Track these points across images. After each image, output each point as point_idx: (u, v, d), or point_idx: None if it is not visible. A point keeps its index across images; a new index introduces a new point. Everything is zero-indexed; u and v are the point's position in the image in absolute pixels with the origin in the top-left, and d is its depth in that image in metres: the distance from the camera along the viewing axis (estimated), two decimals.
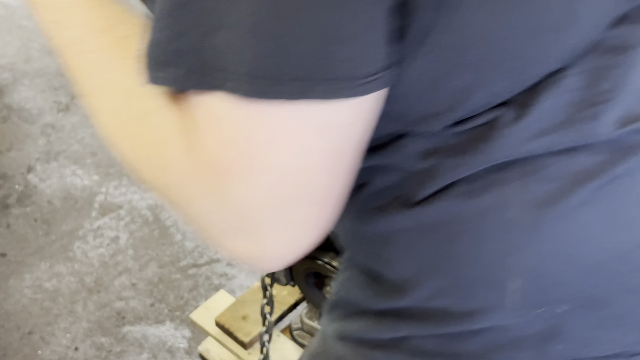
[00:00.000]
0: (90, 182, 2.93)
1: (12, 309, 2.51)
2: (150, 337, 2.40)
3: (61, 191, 2.90)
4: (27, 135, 3.15)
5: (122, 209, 2.82)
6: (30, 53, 3.58)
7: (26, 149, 3.09)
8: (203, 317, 2.20)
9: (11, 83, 3.41)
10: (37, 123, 3.20)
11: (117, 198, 2.86)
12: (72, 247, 2.70)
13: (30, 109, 3.27)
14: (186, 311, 2.45)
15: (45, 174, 2.97)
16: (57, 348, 2.39)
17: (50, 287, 2.57)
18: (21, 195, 2.89)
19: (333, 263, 1.75)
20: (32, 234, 2.75)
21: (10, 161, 3.04)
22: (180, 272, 2.59)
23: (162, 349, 2.37)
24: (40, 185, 2.93)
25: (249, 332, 2.09)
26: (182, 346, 2.37)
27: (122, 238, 2.72)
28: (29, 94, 3.35)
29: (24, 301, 2.53)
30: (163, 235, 2.72)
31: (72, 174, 2.97)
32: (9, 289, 2.57)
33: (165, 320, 2.45)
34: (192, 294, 2.52)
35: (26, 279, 2.60)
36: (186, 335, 2.40)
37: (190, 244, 2.67)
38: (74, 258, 2.66)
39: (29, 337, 2.42)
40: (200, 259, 2.62)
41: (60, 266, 2.64)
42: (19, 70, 3.48)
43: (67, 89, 3.35)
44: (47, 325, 2.46)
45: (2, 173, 2.99)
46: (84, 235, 2.73)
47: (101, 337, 2.41)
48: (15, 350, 2.38)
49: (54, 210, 2.83)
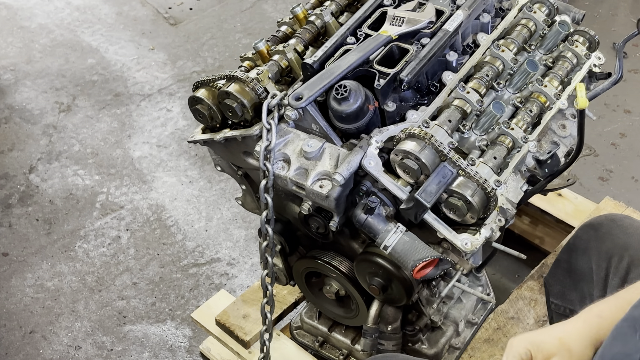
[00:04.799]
0: (91, 182, 2.94)
1: (14, 308, 2.52)
2: (151, 336, 2.42)
3: (63, 191, 2.91)
4: (29, 135, 3.16)
5: (123, 209, 2.83)
6: (32, 54, 3.60)
7: (28, 149, 3.10)
8: (204, 316, 2.21)
9: (13, 84, 3.43)
10: (39, 123, 3.22)
11: (118, 198, 2.87)
12: (73, 246, 2.71)
13: (32, 110, 3.29)
14: (187, 310, 2.47)
15: (47, 174, 2.98)
16: (58, 347, 2.41)
17: (51, 286, 2.58)
18: (23, 195, 2.91)
19: (333, 263, 1.76)
20: (33, 233, 2.76)
21: (12, 161, 3.05)
22: (181, 271, 2.60)
23: (163, 347, 2.38)
24: (42, 185, 2.94)
25: (250, 331, 2.10)
26: (183, 345, 2.38)
27: (123, 238, 2.73)
28: (30, 95, 3.36)
29: (25, 300, 2.55)
30: (164, 235, 2.73)
31: (74, 174, 2.98)
32: (11, 288, 2.58)
33: (166, 320, 2.46)
34: (192, 293, 2.53)
35: (28, 278, 2.61)
36: (187, 334, 2.41)
37: (191, 243, 2.69)
38: (75, 257, 2.67)
39: (30, 336, 2.44)
40: (201, 259, 2.64)
41: (62, 265, 2.65)
42: (20, 71, 3.50)
43: (69, 90, 3.37)
44: (48, 324, 2.47)
45: (4, 173, 3.00)
46: (85, 234, 2.75)
47: (102, 336, 2.42)
48: (17, 349, 2.40)
49: (55, 210, 2.84)
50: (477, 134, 1.54)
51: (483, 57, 1.63)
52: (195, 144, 1.81)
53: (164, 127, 3.16)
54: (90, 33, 3.71)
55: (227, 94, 1.62)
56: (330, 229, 1.60)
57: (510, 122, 1.54)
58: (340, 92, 1.48)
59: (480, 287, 2.08)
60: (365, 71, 1.55)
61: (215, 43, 3.60)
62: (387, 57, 1.57)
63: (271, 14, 3.74)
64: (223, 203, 2.82)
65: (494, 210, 1.45)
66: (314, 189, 1.51)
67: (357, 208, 1.55)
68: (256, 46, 1.72)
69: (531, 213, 2.40)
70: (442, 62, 1.62)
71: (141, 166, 3.00)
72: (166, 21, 3.76)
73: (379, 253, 1.61)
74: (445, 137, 1.46)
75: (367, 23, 1.66)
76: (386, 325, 1.85)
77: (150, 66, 3.48)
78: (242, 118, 1.64)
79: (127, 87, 3.37)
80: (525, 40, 1.67)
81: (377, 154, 1.48)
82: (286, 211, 1.76)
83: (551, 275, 1.72)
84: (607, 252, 1.57)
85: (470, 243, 1.41)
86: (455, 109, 1.52)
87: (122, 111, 3.25)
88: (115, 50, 3.59)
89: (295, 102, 1.49)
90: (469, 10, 1.64)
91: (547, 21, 1.70)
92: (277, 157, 1.57)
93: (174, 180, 2.93)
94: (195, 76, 3.38)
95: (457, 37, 1.63)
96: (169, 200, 2.85)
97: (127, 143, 3.10)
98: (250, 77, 1.62)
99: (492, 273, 2.46)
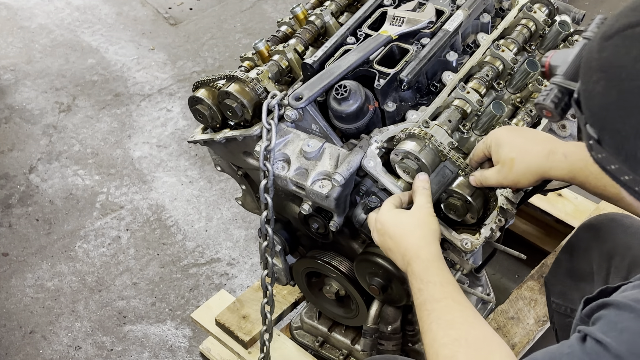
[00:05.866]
0: (91, 182, 2.94)
1: (14, 308, 2.52)
2: (151, 336, 2.42)
3: (63, 191, 2.91)
4: (29, 135, 3.16)
5: (123, 209, 2.83)
6: (32, 54, 3.60)
7: (28, 149, 3.10)
8: (204, 316, 2.21)
9: (13, 84, 3.43)
10: (39, 123, 3.22)
11: (118, 198, 2.87)
12: (73, 246, 2.71)
13: (32, 110, 3.29)
14: (187, 310, 2.47)
15: (47, 174, 2.98)
16: (58, 347, 2.40)
17: (51, 286, 2.58)
18: (23, 195, 2.91)
19: (333, 263, 1.76)
20: (33, 233, 2.76)
21: (12, 161, 3.05)
22: (181, 271, 2.60)
23: (163, 348, 2.38)
24: (42, 185, 2.94)
25: (250, 331, 2.10)
26: (183, 345, 2.38)
27: (123, 238, 2.73)
28: (30, 95, 3.36)
29: (25, 300, 2.55)
30: (164, 235, 2.73)
31: (74, 174, 2.98)
32: (11, 289, 2.58)
33: (166, 320, 2.46)
34: (192, 293, 2.53)
35: (28, 278, 2.61)
36: (187, 335, 2.41)
37: (191, 243, 2.69)
38: (75, 257, 2.67)
39: (30, 337, 2.44)
40: (201, 259, 2.64)
41: (62, 266, 2.65)
42: (20, 71, 3.50)
43: (69, 90, 3.37)
44: (48, 324, 2.47)
45: (4, 173, 3.00)
46: (85, 235, 2.75)
47: (102, 336, 2.42)
48: (17, 349, 2.40)
49: (55, 210, 2.84)
50: (477, 134, 1.53)
51: (483, 57, 1.63)
52: (195, 144, 1.81)
53: (164, 127, 3.16)
54: (90, 33, 3.71)
55: (227, 94, 1.62)
56: (330, 229, 1.60)
57: (510, 122, 1.54)
58: (340, 92, 1.48)
59: (480, 287, 2.08)
60: (365, 71, 1.55)
61: (215, 43, 3.60)
62: (387, 57, 1.57)
63: (271, 14, 3.74)
64: (223, 203, 2.82)
65: (494, 210, 1.45)
66: (314, 189, 1.51)
67: (357, 208, 1.55)
68: (256, 46, 1.72)
69: (531, 213, 2.40)
70: (442, 62, 1.62)
71: (141, 166, 3.00)
72: (166, 21, 3.76)
73: (379, 253, 1.61)
74: (445, 137, 1.46)
75: (367, 23, 1.66)
76: (386, 325, 1.85)
77: (150, 66, 3.48)
78: (242, 118, 1.64)
79: (127, 87, 3.37)
80: (525, 40, 1.67)
81: (377, 154, 1.48)
82: (286, 211, 1.76)
83: (552, 274, 1.72)
84: (608, 252, 1.57)
85: (470, 243, 1.41)
86: (455, 109, 1.52)
87: (122, 111, 3.25)
88: (115, 50, 3.59)
89: (295, 102, 1.49)
90: (469, 10, 1.64)
91: (547, 21, 1.70)
92: (277, 157, 1.57)
93: (174, 180, 2.93)
94: (195, 76, 3.38)
95: (457, 37, 1.63)
96: (169, 200, 2.85)
97: (127, 143, 3.10)
98: (250, 77, 1.62)
99: (492, 273, 2.46)
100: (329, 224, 1.59)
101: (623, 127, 0.92)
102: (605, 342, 0.94)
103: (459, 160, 1.43)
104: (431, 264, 1.29)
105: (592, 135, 0.97)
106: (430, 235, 1.34)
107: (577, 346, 0.97)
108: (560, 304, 1.70)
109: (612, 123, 0.93)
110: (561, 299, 1.69)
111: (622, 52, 0.92)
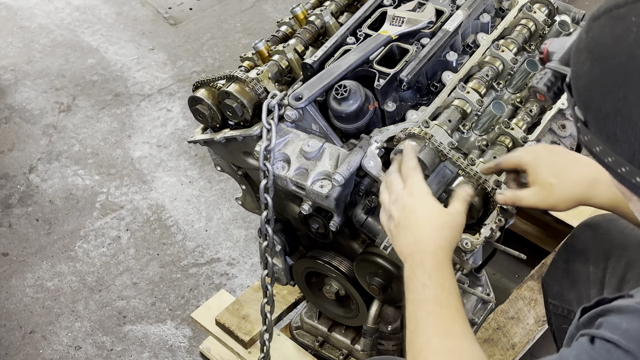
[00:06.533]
0: (91, 182, 2.94)
1: (14, 308, 2.52)
2: (151, 336, 2.42)
3: (63, 191, 2.91)
4: (29, 135, 3.16)
5: (123, 209, 2.83)
6: (32, 54, 3.60)
7: (28, 149, 3.10)
8: (204, 316, 2.21)
9: (13, 84, 3.43)
10: (39, 123, 3.22)
11: (118, 198, 2.87)
12: (73, 246, 2.71)
13: (32, 110, 3.29)
14: (187, 310, 2.47)
15: (47, 174, 2.98)
16: (58, 347, 2.40)
17: (51, 286, 2.58)
18: (23, 195, 2.91)
19: (333, 263, 1.76)
20: (33, 233, 2.76)
21: (12, 161, 3.05)
22: (181, 271, 2.60)
23: (163, 347, 2.38)
24: (42, 185, 2.94)
25: (250, 331, 2.10)
26: (183, 345, 2.38)
27: (123, 238, 2.73)
28: (30, 95, 3.36)
29: (25, 300, 2.55)
30: (164, 234, 2.73)
31: (74, 174, 2.98)
32: (11, 288, 2.58)
33: (166, 320, 2.46)
34: (192, 293, 2.53)
35: (28, 278, 2.61)
36: (187, 334, 2.41)
37: (191, 243, 2.69)
38: (75, 257, 2.67)
39: (30, 336, 2.44)
40: (201, 259, 2.64)
41: (62, 265, 2.65)
42: (20, 71, 3.50)
43: (69, 90, 3.37)
44: (48, 324, 2.47)
45: (4, 173, 3.00)
46: (85, 235, 2.75)
47: (102, 336, 2.42)
48: (17, 349, 2.40)
49: (55, 210, 2.84)
50: (477, 134, 1.54)
51: (483, 57, 1.63)
52: (195, 144, 1.81)
53: (164, 127, 3.16)
54: (90, 33, 3.71)
55: (227, 94, 1.62)
56: (330, 229, 1.60)
57: (510, 122, 1.54)
58: (340, 92, 1.48)
59: (480, 287, 2.08)
60: (365, 71, 1.55)
61: (215, 43, 3.60)
62: (387, 57, 1.57)
63: (271, 14, 3.74)
64: (223, 203, 2.82)
65: (494, 210, 1.45)
66: (314, 189, 1.51)
67: (357, 208, 1.55)
68: (256, 46, 1.72)
69: (531, 213, 2.40)
70: (442, 62, 1.62)
71: (141, 166, 3.00)
72: (166, 21, 3.76)
73: (379, 253, 1.61)
74: (445, 137, 1.46)
75: (367, 23, 1.66)
76: (386, 325, 1.85)
77: (150, 66, 3.48)
78: (242, 118, 1.64)
79: (127, 87, 3.37)
80: (525, 40, 1.67)
81: (377, 153, 1.48)
82: (286, 211, 1.76)
83: (549, 275, 1.72)
84: (604, 252, 1.56)
85: (470, 243, 1.41)
86: (455, 109, 1.52)
87: (122, 111, 3.25)
88: (115, 50, 3.59)
89: (295, 102, 1.49)
90: (469, 10, 1.64)
91: (547, 21, 1.69)
92: (277, 157, 1.57)
93: (174, 180, 2.93)
94: (195, 76, 3.38)
95: (457, 37, 1.63)
96: (169, 200, 2.85)
97: (127, 143, 3.10)
98: (250, 77, 1.62)
99: (492, 273, 2.46)
100: (329, 224, 1.59)
101: (604, 105, 0.91)
102: (614, 340, 0.94)
103: (459, 160, 1.43)
104: (445, 267, 1.25)
105: (580, 117, 0.96)
106: (453, 242, 1.30)
107: (586, 346, 0.97)
108: (557, 305, 1.69)
109: (596, 102, 0.93)
110: (558, 300, 1.69)
111: (607, 32, 0.92)
